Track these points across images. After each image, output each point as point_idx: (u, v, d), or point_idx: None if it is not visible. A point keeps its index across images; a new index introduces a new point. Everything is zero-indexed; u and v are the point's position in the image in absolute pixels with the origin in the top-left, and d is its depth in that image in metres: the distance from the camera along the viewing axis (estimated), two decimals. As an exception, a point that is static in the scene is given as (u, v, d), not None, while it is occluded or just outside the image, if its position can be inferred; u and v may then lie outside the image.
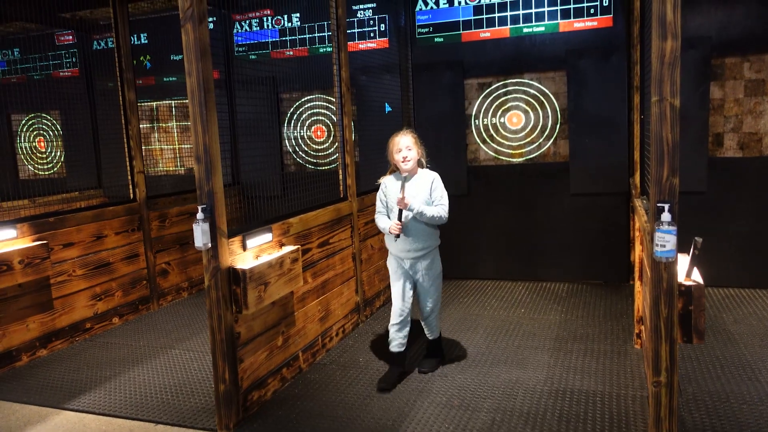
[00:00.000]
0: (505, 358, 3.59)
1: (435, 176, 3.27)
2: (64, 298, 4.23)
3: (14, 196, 4.92)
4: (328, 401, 3.14)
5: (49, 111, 6.76)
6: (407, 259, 3.27)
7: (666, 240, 2.15)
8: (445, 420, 2.86)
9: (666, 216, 2.15)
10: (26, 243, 3.88)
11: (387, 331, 3.46)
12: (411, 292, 3.35)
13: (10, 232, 3.79)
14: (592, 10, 4.90)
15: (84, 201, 5.58)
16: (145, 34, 6.33)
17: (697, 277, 2.34)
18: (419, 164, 3.29)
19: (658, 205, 2.17)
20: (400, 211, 3.15)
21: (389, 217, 3.29)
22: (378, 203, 3.35)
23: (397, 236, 3.16)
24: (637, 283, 3.58)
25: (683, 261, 2.38)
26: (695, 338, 2.28)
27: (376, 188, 3.40)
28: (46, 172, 6.86)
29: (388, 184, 3.31)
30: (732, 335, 3.78)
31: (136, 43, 6.30)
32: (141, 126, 5.35)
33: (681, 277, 2.30)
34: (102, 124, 6.03)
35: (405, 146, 3.20)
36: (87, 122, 6.17)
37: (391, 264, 3.37)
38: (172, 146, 6.49)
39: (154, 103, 6.45)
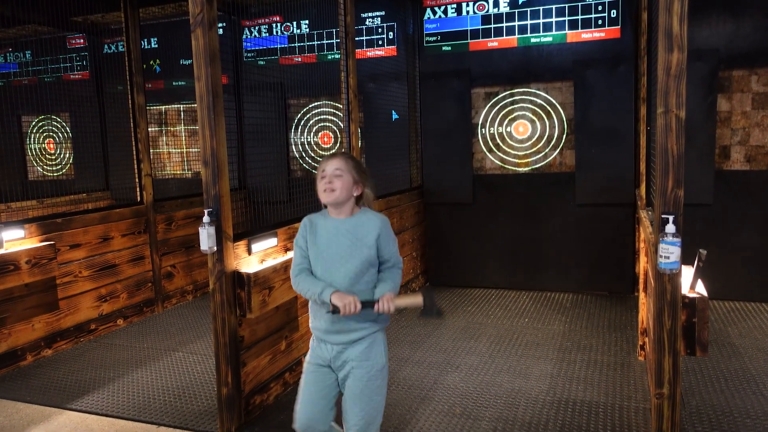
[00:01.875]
0: (508, 367, 3.59)
1: (383, 222, 2.17)
2: (70, 299, 4.25)
3: (23, 197, 4.96)
4: (329, 407, 3.13)
5: (59, 113, 6.82)
6: (332, 344, 2.14)
7: (670, 251, 2.15)
8: (446, 428, 2.86)
9: (670, 227, 2.15)
10: (34, 243, 3.91)
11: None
12: (332, 400, 2.19)
13: (18, 232, 3.82)
14: (600, 22, 4.92)
15: (91, 203, 5.63)
16: (156, 39, 6.39)
17: (701, 289, 2.34)
18: (357, 200, 2.21)
19: (663, 216, 2.17)
20: (369, 304, 2.07)
21: (314, 274, 2.15)
22: (297, 252, 2.18)
23: (335, 310, 2.03)
24: (642, 295, 3.57)
25: (688, 273, 2.38)
26: (698, 351, 2.27)
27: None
28: (55, 174, 6.92)
29: (318, 223, 2.19)
30: (737, 349, 3.76)
31: (146, 47, 6.36)
32: (149, 129, 5.39)
33: (685, 289, 2.30)
34: (111, 127, 6.08)
35: (332, 170, 2.11)
36: (96, 125, 6.23)
37: (309, 352, 2.24)
38: (179, 150, 6.53)
39: (163, 107, 6.49)
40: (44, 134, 6.97)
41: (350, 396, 2.14)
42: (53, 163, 6.95)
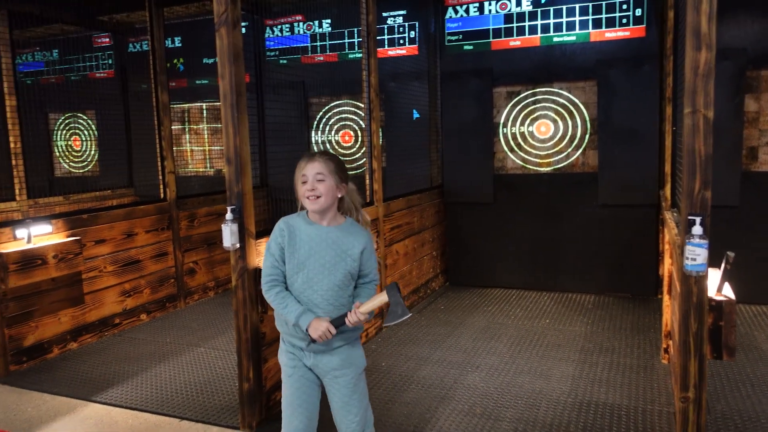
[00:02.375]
0: (529, 368, 3.56)
1: (368, 236, 2.12)
2: (95, 294, 4.33)
3: (50, 193, 5.06)
4: (349, 404, 3.14)
5: (85, 111, 6.93)
6: (310, 353, 2.08)
7: (697, 253, 2.12)
8: (466, 428, 2.85)
9: (697, 229, 2.12)
10: (61, 238, 3.99)
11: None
12: (317, 408, 2.15)
13: (45, 228, 3.89)
14: (624, 20, 4.85)
15: (116, 199, 5.72)
16: (179, 38, 6.46)
17: (728, 292, 2.30)
18: (340, 206, 2.13)
19: (690, 218, 2.14)
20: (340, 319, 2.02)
21: (287, 287, 2.08)
22: (268, 259, 2.08)
23: (313, 341, 2.01)
24: (666, 297, 3.53)
25: (714, 276, 2.34)
26: (725, 355, 2.24)
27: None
28: (81, 171, 7.04)
29: (298, 228, 2.07)
30: (764, 353, 3.68)
31: (170, 46, 6.44)
32: (173, 127, 5.46)
33: (712, 292, 2.26)
34: (135, 125, 6.17)
35: (313, 174, 2.03)
36: (121, 123, 6.33)
37: (285, 359, 2.14)
38: (202, 148, 6.60)
39: (186, 105, 6.57)
40: (70, 131, 7.09)
41: (341, 404, 2.10)
42: (79, 160, 7.07)
